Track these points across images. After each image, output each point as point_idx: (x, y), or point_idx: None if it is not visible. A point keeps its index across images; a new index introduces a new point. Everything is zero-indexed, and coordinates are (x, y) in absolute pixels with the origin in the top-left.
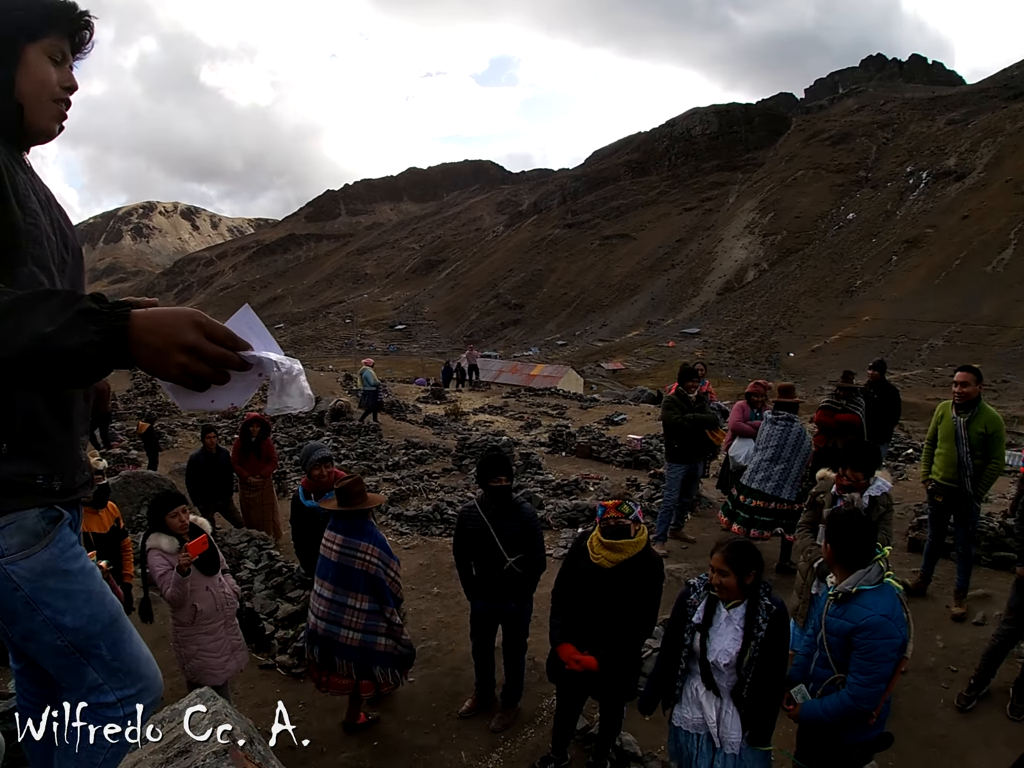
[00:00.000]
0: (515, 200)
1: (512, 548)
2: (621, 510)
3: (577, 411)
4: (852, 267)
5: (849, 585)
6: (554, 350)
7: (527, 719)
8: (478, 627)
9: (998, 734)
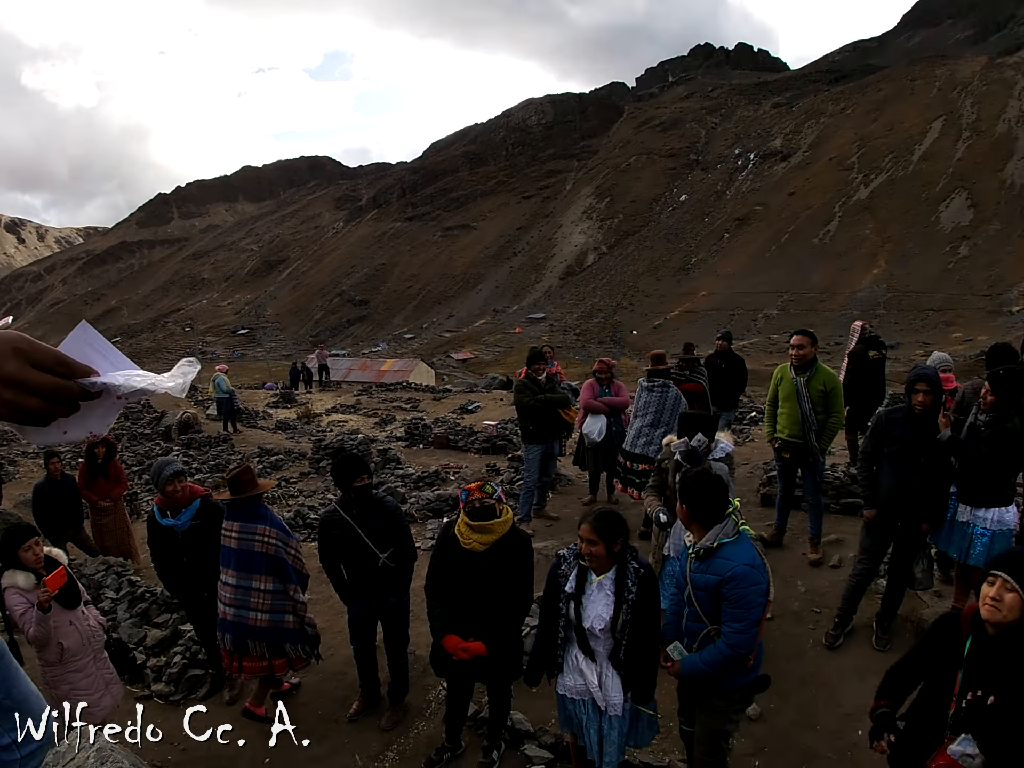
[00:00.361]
0: (354, 195)
1: (382, 544)
2: (485, 490)
3: (431, 403)
4: (687, 246)
5: (709, 541)
6: (403, 344)
7: (416, 713)
8: (359, 629)
9: (868, 666)
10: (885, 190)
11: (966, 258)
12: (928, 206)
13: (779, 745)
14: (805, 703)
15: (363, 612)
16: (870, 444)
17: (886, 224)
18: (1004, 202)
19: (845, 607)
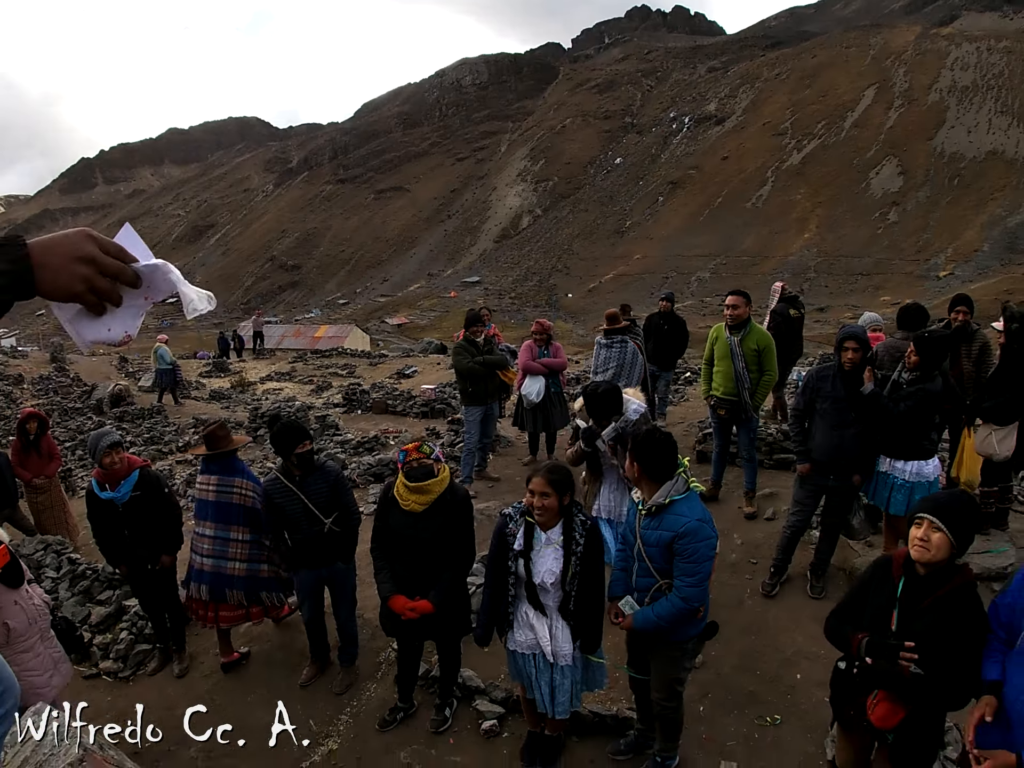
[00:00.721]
0: (284, 157)
1: (326, 509)
2: (422, 451)
3: (367, 368)
4: (621, 209)
5: (661, 498)
6: (336, 310)
7: (368, 675)
8: (307, 596)
9: (804, 612)
10: (817, 156)
11: (895, 224)
12: (859, 172)
13: (722, 690)
14: (745, 650)
15: (310, 578)
16: (802, 401)
17: (818, 189)
18: (933, 170)
19: (780, 557)
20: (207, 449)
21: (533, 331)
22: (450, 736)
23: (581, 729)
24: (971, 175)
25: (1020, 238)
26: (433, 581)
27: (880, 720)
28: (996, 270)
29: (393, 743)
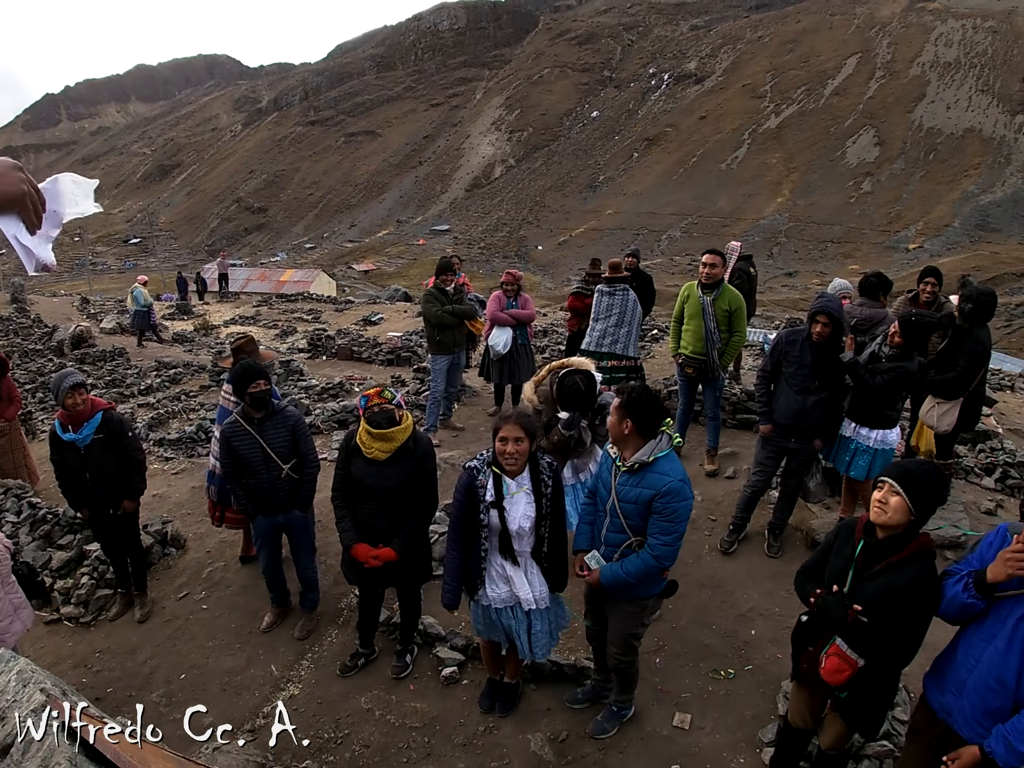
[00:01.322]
0: (254, 97)
1: (285, 455)
2: (384, 396)
3: (333, 314)
4: (596, 163)
5: (644, 455)
6: (302, 254)
7: (329, 621)
8: (264, 543)
9: (760, 571)
10: (795, 121)
11: (868, 194)
12: (836, 140)
13: (678, 643)
14: (702, 604)
15: (268, 525)
16: (769, 363)
17: (793, 154)
18: (910, 143)
19: (739, 515)
20: (234, 361)
21: (503, 281)
22: (410, 682)
23: (539, 677)
24: (947, 151)
25: (991, 216)
26: (396, 529)
27: (829, 674)
28: (965, 246)
29: (354, 689)
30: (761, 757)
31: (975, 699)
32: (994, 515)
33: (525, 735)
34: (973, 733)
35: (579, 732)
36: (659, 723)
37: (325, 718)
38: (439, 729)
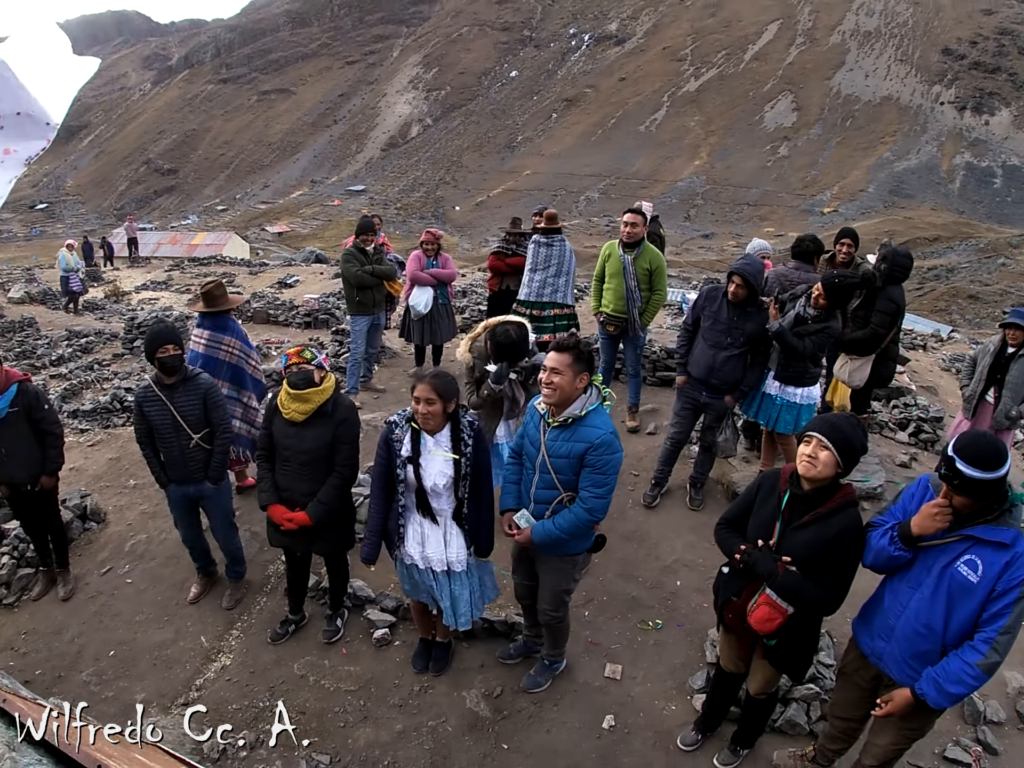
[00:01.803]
0: (164, 54)
1: (196, 424)
2: (304, 356)
3: (247, 277)
4: (514, 123)
5: (576, 410)
6: (214, 216)
7: (258, 589)
8: (180, 513)
9: (683, 523)
10: (715, 85)
11: (785, 158)
12: (754, 105)
13: (606, 596)
14: (627, 557)
15: (179, 495)
16: (691, 317)
17: (712, 118)
18: (827, 109)
19: (660, 469)
20: (204, 306)
21: (423, 240)
22: (342, 646)
23: (471, 635)
24: (864, 118)
25: (905, 182)
26: (313, 494)
27: (759, 623)
28: (879, 211)
29: (286, 655)
30: (692, 703)
31: (904, 644)
32: (908, 468)
33: (460, 692)
34: (904, 675)
35: (513, 687)
36: (591, 675)
37: (259, 686)
38: (374, 691)
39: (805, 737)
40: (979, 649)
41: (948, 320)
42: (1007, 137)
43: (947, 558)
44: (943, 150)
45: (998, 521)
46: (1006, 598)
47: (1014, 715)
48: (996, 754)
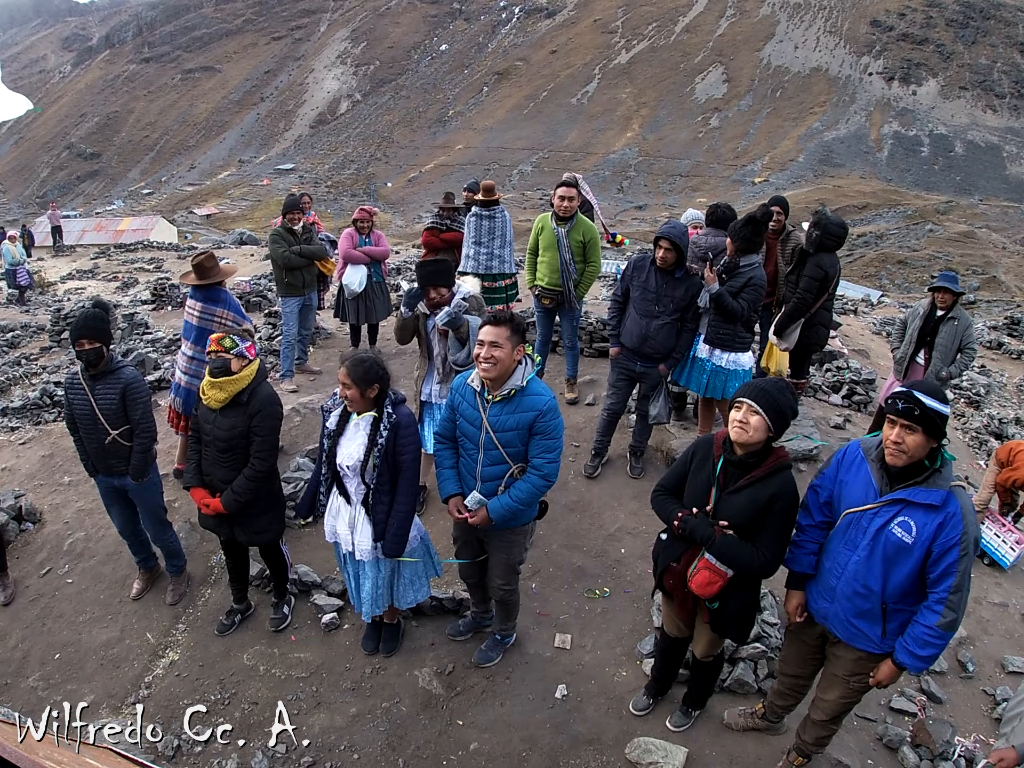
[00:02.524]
0: (84, 34)
1: (113, 418)
2: (223, 344)
3: (176, 262)
4: (445, 97)
5: (518, 381)
6: (140, 200)
7: (201, 581)
8: (110, 503)
9: (625, 491)
10: (645, 57)
11: (716, 129)
12: (685, 77)
13: (552, 567)
14: (571, 528)
15: (105, 485)
16: (620, 288)
17: (643, 90)
18: (758, 80)
19: (600, 439)
20: (196, 278)
21: (356, 218)
22: (291, 633)
23: (419, 613)
24: (794, 88)
25: (835, 152)
26: (230, 481)
27: (700, 587)
28: (809, 180)
29: (234, 646)
30: (642, 668)
31: (846, 604)
32: (842, 429)
33: (412, 672)
34: (848, 634)
35: (464, 663)
36: (541, 646)
37: (209, 680)
38: (326, 676)
39: (754, 695)
40: (935, 610)
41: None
42: (934, 107)
43: (881, 520)
44: (871, 120)
45: (928, 483)
46: (947, 558)
47: (956, 665)
48: (940, 703)
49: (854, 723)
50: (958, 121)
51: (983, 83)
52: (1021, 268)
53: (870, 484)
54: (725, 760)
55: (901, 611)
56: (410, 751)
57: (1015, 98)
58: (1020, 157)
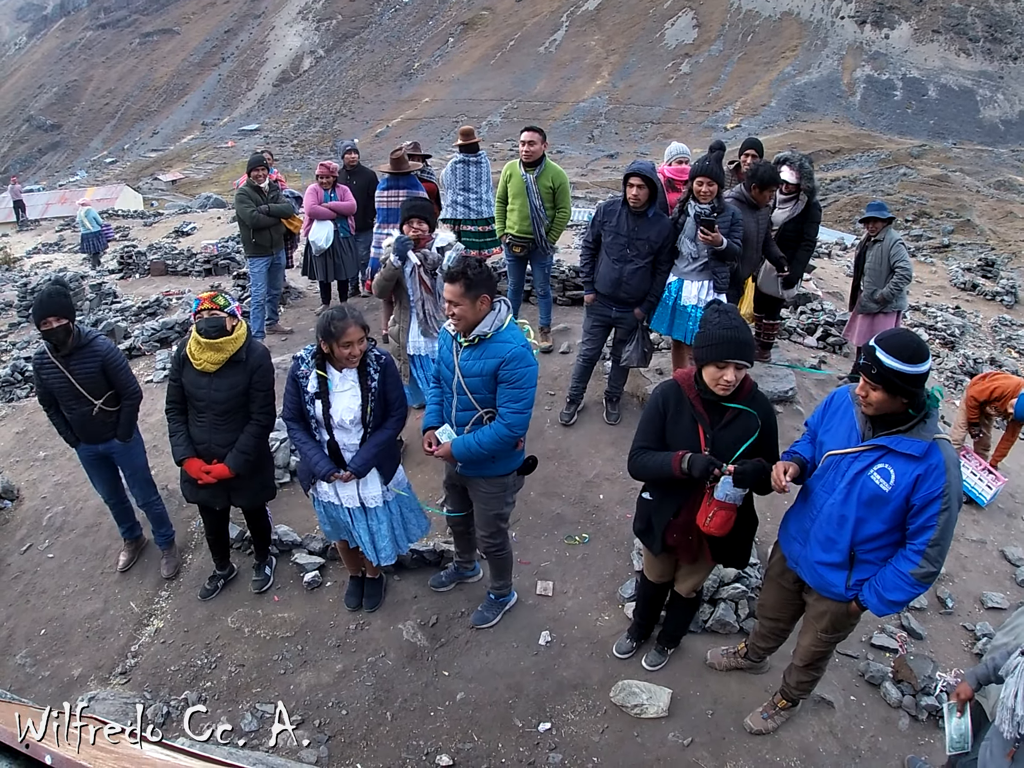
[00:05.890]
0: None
1: (95, 389)
2: (217, 302)
3: (142, 229)
4: (410, 50)
5: (486, 327)
6: (104, 170)
7: (182, 546)
8: (93, 471)
9: (601, 438)
10: (613, 3)
11: (687, 75)
12: (654, 22)
13: (531, 515)
14: (549, 476)
15: (89, 453)
16: (591, 234)
17: (612, 37)
18: (728, 25)
19: (575, 387)
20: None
21: (318, 174)
22: (274, 594)
23: (401, 567)
24: (765, 33)
25: (807, 96)
26: (230, 444)
27: (719, 529)
28: (781, 125)
29: (218, 610)
30: (624, 612)
31: (816, 547)
32: (818, 370)
33: (396, 625)
34: (814, 580)
35: (448, 614)
36: (523, 594)
37: (195, 645)
38: (311, 635)
39: (736, 635)
40: (912, 559)
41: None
42: (907, 50)
43: (860, 465)
44: (844, 64)
45: (912, 432)
46: (928, 511)
47: (935, 601)
48: (921, 638)
49: (836, 661)
50: (931, 65)
51: (956, 27)
52: (995, 211)
53: (854, 428)
54: (709, 700)
55: (869, 563)
56: (397, 704)
57: (988, 42)
58: (994, 101)
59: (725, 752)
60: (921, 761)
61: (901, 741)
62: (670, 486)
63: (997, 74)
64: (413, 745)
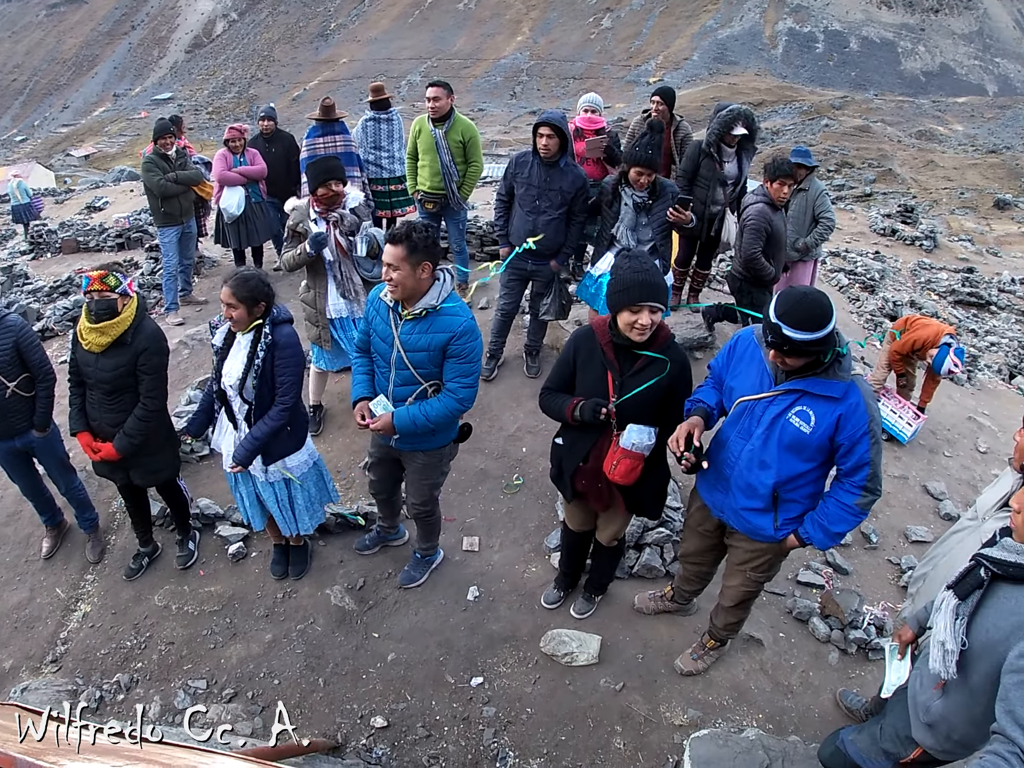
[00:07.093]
0: None
1: (8, 370)
2: (107, 282)
3: (53, 207)
4: (325, 10)
5: (433, 300)
6: (13, 148)
7: (105, 528)
8: (10, 467)
9: (522, 391)
10: None
11: (608, 29)
12: None
13: (455, 472)
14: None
15: (6, 450)
16: (504, 187)
17: None
18: None
19: (494, 341)
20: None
21: (227, 138)
22: (199, 568)
23: (325, 532)
24: None
25: (729, 50)
26: (119, 424)
27: (623, 477)
28: (704, 79)
29: (144, 589)
30: (550, 562)
31: (738, 495)
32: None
33: (323, 591)
34: (742, 526)
35: (375, 576)
36: (450, 550)
37: (123, 627)
38: (238, 607)
39: (663, 579)
40: (853, 492)
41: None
42: (828, 3)
43: (777, 409)
44: (766, 17)
45: (827, 373)
46: (859, 448)
47: (860, 536)
48: (847, 574)
49: (763, 599)
50: (853, 17)
51: None
52: (916, 160)
53: (765, 372)
54: (639, 644)
55: (792, 501)
56: (329, 669)
57: None
58: (915, 53)
59: (657, 694)
60: (853, 694)
61: (832, 675)
62: (580, 432)
63: (918, 26)
64: (347, 709)
